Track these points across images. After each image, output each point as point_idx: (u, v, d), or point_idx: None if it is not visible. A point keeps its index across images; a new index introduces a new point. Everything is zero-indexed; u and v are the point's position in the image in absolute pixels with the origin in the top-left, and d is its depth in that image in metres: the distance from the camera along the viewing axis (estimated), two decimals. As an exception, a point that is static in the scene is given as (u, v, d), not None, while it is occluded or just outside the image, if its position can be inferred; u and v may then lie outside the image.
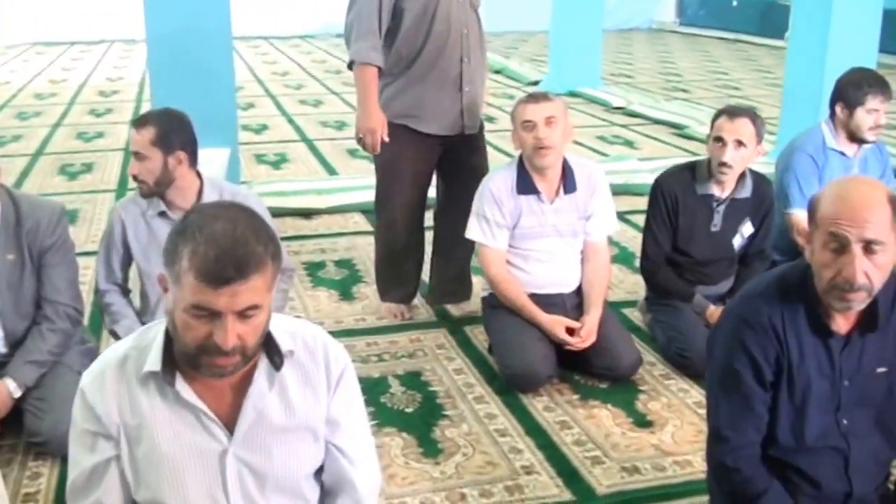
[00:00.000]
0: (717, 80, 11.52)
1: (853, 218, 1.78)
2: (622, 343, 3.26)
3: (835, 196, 1.84)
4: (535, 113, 3.15)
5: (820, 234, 1.83)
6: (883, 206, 1.79)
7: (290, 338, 1.65)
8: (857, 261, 1.78)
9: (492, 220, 3.26)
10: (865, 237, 1.77)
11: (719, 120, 3.31)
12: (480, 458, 2.76)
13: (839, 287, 1.81)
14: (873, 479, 2.03)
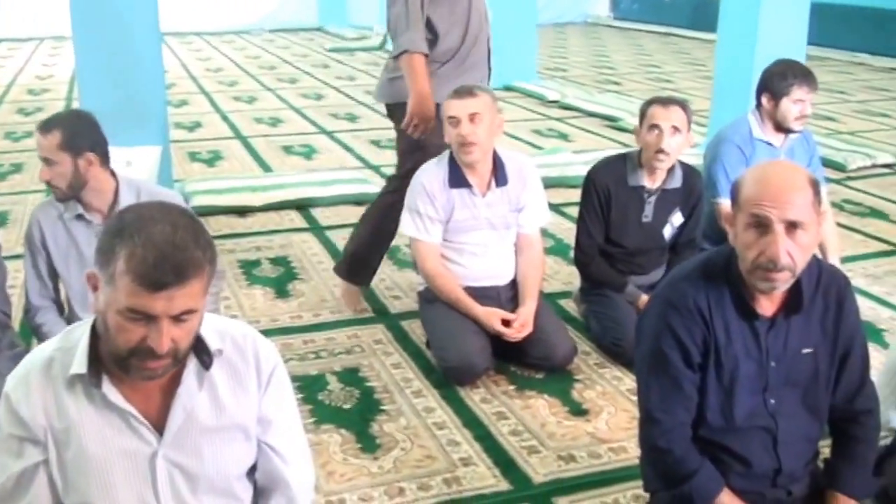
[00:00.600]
0: (649, 73, 11.68)
1: (775, 199, 1.82)
2: (557, 333, 3.30)
3: (757, 178, 1.88)
4: (459, 109, 3.15)
5: (743, 216, 1.87)
6: (804, 188, 1.84)
7: (219, 337, 1.64)
8: (779, 240, 1.82)
9: (424, 215, 3.26)
10: (787, 217, 1.82)
11: (652, 109, 3.34)
12: (419, 452, 2.77)
13: (763, 267, 1.85)
14: (802, 457, 2.09)
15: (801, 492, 2.10)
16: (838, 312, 2.02)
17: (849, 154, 6.59)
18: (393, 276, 4.24)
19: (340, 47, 14.16)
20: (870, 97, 9.89)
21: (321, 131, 7.73)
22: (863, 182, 6.16)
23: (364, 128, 7.89)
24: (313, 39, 15.76)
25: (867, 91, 10.34)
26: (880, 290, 4.19)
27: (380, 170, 6.33)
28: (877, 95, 10.04)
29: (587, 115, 8.38)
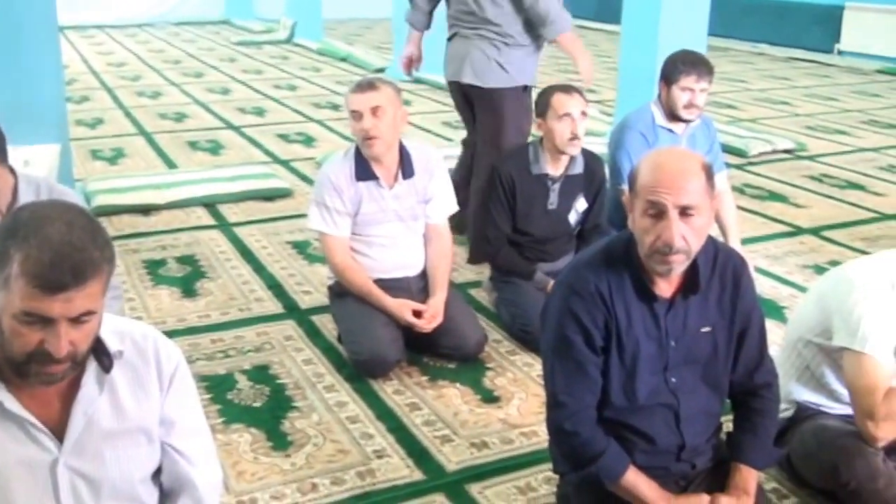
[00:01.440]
0: (557, 65, 11.80)
1: (670, 185, 1.87)
2: (468, 323, 3.32)
3: (651, 166, 1.94)
4: (361, 103, 3.14)
5: (639, 203, 1.93)
6: (697, 174, 1.90)
7: (119, 338, 1.60)
8: (674, 225, 1.87)
9: (332, 208, 3.24)
10: (681, 203, 1.87)
11: (557, 97, 3.39)
12: (331, 447, 2.75)
13: (659, 251, 1.91)
14: (704, 432, 2.15)
15: (705, 465, 2.17)
16: (735, 291, 2.08)
17: (750, 140, 6.78)
18: (302, 271, 4.20)
19: (247, 40, 13.94)
20: (770, 86, 10.20)
21: (228, 126, 7.61)
22: (763, 167, 6.36)
23: (272, 122, 7.79)
24: (219, 33, 15.48)
25: (767, 80, 10.66)
26: (781, 270, 4.33)
27: (289, 164, 6.26)
28: (777, 84, 10.36)
29: (496, 107, 8.41)
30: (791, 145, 6.89)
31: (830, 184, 5.97)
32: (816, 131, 7.65)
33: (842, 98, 9.46)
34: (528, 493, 2.52)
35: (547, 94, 3.43)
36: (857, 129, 7.83)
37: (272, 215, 5.06)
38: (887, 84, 10.55)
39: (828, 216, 5.23)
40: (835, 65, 12.05)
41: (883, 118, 8.36)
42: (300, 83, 10.03)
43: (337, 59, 12.01)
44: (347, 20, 17.38)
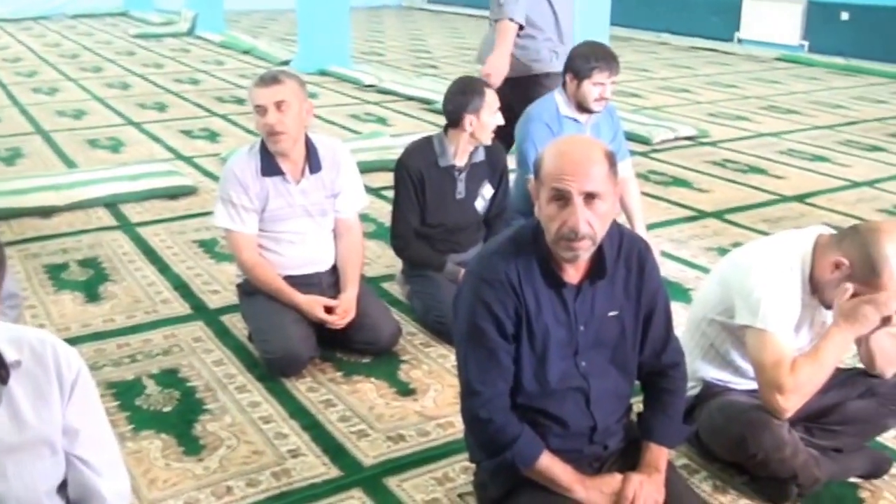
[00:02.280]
0: (464, 56, 11.86)
1: (574, 172, 1.91)
2: (381, 316, 3.30)
3: (555, 154, 1.97)
4: (265, 97, 3.08)
5: (545, 190, 1.95)
6: (600, 161, 1.94)
7: (15, 347, 1.53)
8: (579, 211, 1.91)
9: (238, 205, 3.18)
10: (585, 189, 1.91)
11: (491, 93, 3.46)
12: (245, 449, 2.70)
13: (565, 237, 1.94)
14: (615, 413, 2.19)
15: (617, 445, 2.22)
16: (640, 275, 2.12)
17: (653, 128, 6.92)
18: (210, 270, 4.12)
19: (146, 33, 13.61)
20: (672, 74, 10.44)
21: (128, 122, 7.41)
22: (667, 154, 6.50)
23: (174, 117, 7.63)
24: (117, 25, 15.08)
25: (670, 69, 10.90)
26: (686, 254, 4.43)
27: (192, 161, 6.13)
28: (679, 73, 10.60)
29: (405, 99, 8.43)
30: (693, 132, 7.06)
31: (732, 168, 6.14)
32: (718, 118, 7.86)
33: (742, 85, 9.74)
34: (446, 484, 2.53)
35: (479, 91, 3.45)
36: (757, 114, 8.07)
37: (177, 214, 4.95)
38: (786, 71, 10.91)
39: (730, 200, 5.37)
40: (735, 53, 12.40)
41: (782, 104, 8.64)
42: (203, 77, 9.84)
43: (240, 51, 11.83)
44: (250, 12, 17.15)
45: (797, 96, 9.12)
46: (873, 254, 2.26)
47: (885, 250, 2.25)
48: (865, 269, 2.27)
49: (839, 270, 2.31)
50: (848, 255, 2.30)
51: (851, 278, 2.29)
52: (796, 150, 6.73)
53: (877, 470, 2.58)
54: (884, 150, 6.77)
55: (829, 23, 12.06)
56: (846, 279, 2.30)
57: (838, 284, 2.32)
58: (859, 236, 2.31)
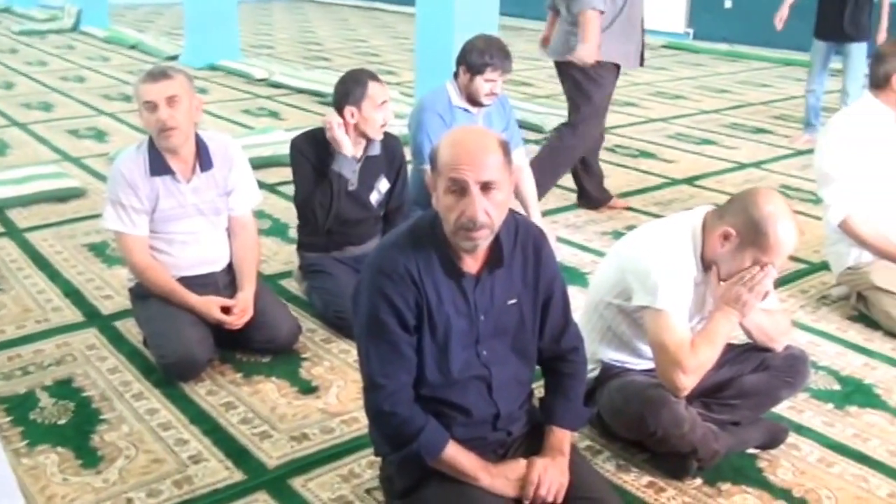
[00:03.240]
0: (356, 48, 11.80)
1: (471, 163, 1.92)
2: (280, 314, 3.25)
3: (451, 144, 1.97)
4: (155, 93, 3.00)
5: (442, 181, 1.96)
6: (495, 150, 1.96)
7: None
8: (476, 201, 1.92)
9: (128, 206, 3.08)
10: (482, 179, 1.92)
11: (373, 87, 3.40)
12: (145, 458, 2.62)
13: (464, 227, 1.95)
14: (517, 399, 2.21)
15: (520, 431, 2.24)
16: (537, 263, 2.15)
17: (545, 116, 7.01)
18: (102, 275, 3.99)
19: (29, 29, 13.10)
20: (562, 61, 10.56)
21: (12, 123, 7.12)
22: (559, 140, 6.57)
23: (60, 117, 7.36)
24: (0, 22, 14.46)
25: (559, 56, 11.03)
26: (581, 238, 4.51)
27: (80, 162, 5.93)
28: (568, 60, 10.73)
29: (297, 92, 8.34)
30: (585, 118, 7.16)
31: (623, 153, 6.27)
32: (608, 104, 8.00)
33: (630, 72, 9.86)
34: (352, 480, 2.51)
35: (362, 83, 3.41)
36: (645, 100, 8.27)
37: (65, 217, 4.78)
38: (672, 58, 11.20)
39: (623, 184, 5.49)
40: (622, 40, 12.63)
41: (669, 90, 8.87)
42: (88, 74, 9.53)
43: (126, 47, 11.50)
44: (135, 6, 16.68)
45: (684, 82, 9.38)
46: (755, 215, 2.35)
47: (765, 210, 2.34)
48: (752, 233, 2.36)
49: (728, 241, 2.40)
50: (733, 224, 2.39)
51: (742, 245, 2.38)
52: (684, 134, 6.92)
53: (774, 440, 2.67)
54: (769, 133, 7.03)
55: (712, 11, 12.45)
56: (738, 248, 2.39)
57: (733, 255, 2.40)
58: (739, 203, 2.41)
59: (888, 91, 3.51)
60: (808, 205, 4.97)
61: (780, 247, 2.36)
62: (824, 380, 3.12)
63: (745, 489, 2.50)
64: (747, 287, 2.40)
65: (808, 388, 2.98)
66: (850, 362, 3.26)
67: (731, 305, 2.42)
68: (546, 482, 2.10)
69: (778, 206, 2.36)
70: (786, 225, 2.36)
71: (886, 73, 3.49)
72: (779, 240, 2.35)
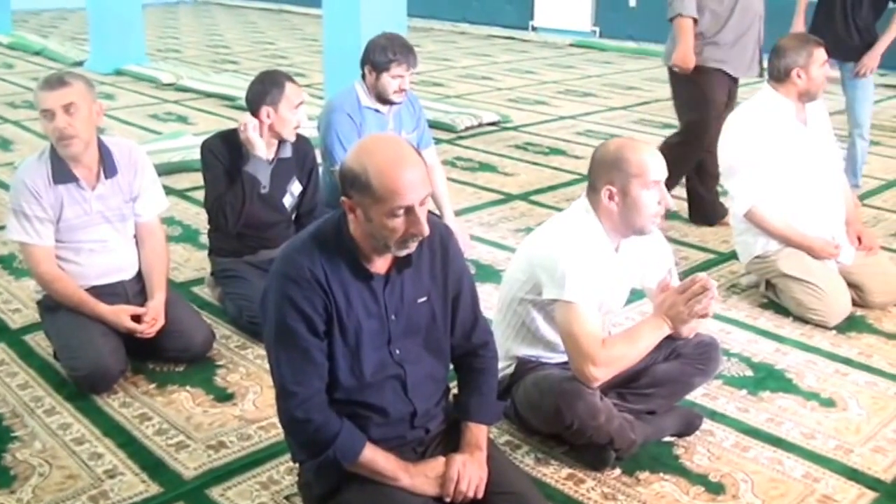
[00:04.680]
0: (264, 51, 11.67)
1: (414, 189, 1.94)
2: (192, 322, 3.20)
3: (386, 172, 1.93)
4: (52, 101, 2.92)
5: (382, 207, 1.94)
6: (421, 163, 1.99)
7: None
8: (421, 218, 1.97)
9: (32, 216, 2.99)
10: (422, 197, 1.96)
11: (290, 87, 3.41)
12: (59, 474, 2.55)
13: (408, 240, 2.00)
14: (432, 396, 2.22)
15: (438, 428, 2.25)
16: (444, 259, 2.18)
17: (457, 115, 7.06)
18: (9, 288, 3.86)
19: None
20: (473, 63, 10.66)
21: None
22: (471, 140, 6.65)
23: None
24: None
25: (470, 57, 11.13)
26: (495, 236, 4.55)
27: None
28: (479, 61, 10.84)
29: (205, 97, 8.20)
30: (496, 118, 7.25)
31: (534, 151, 6.35)
32: (518, 103, 8.10)
33: (539, 71, 10.08)
34: (272, 487, 2.49)
35: (279, 84, 3.40)
36: (555, 98, 8.38)
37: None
38: (580, 56, 11.37)
39: (534, 181, 5.56)
40: (531, 40, 12.81)
41: (578, 87, 9.01)
42: (-9, 82, 9.20)
43: (31, 53, 11.13)
44: (39, 11, 16.18)
45: (592, 80, 9.53)
46: (608, 158, 2.52)
47: (610, 147, 2.55)
48: (617, 170, 2.49)
49: (613, 196, 2.50)
50: (605, 181, 2.51)
51: (622, 187, 2.49)
52: (594, 130, 7.04)
53: (689, 427, 2.74)
54: (675, 127, 7.15)
55: (617, 10, 12.69)
56: (623, 193, 2.49)
57: (627, 203, 2.49)
58: (593, 165, 2.56)
59: (788, 84, 3.64)
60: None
61: (644, 161, 2.48)
62: (737, 367, 3.21)
63: (662, 476, 2.56)
64: (688, 306, 2.50)
65: (722, 374, 3.07)
66: (762, 349, 3.36)
67: (667, 315, 2.52)
68: (465, 477, 2.11)
69: (617, 139, 2.58)
70: (631, 143, 2.55)
71: (787, 66, 3.62)
72: (638, 157, 2.48)
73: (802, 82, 3.62)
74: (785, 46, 3.67)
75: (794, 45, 3.66)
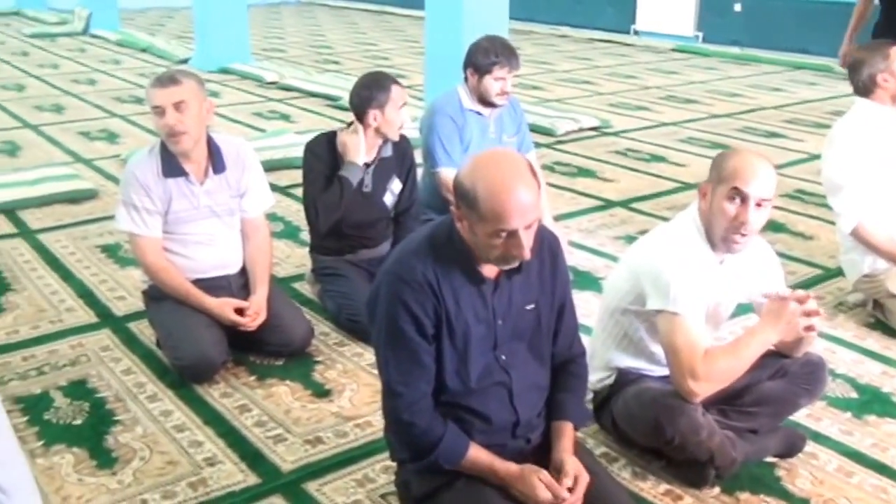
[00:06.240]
0: (366, 52, 11.80)
1: (522, 214, 1.91)
2: (293, 317, 3.25)
3: (497, 193, 1.91)
4: (163, 98, 3.00)
5: (486, 227, 1.93)
6: (534, 185, 1.94)
7: None
8: (525, 241, 1.94)
9: (141, 208, 3.08)
10: (528, 222, 1.94)
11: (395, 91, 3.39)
12: (159, 459, 2.62)
13: (508, 259, 1.99)
14: (536, 406, 2.20)
15: (538, 440, 2.22)
16: (553, 267, 2.16)
17: (557, 120, 7.00)
18: (115, 276, 3.99)
19: (41, 32, 13.14)
20: (573, 66, 10.58)
21: (25, 125, 7.13)
22: (571, 145, 6.58)
23: (72, 119, 7.37)
24: (10, 24, 14.51)
25: (570, 61, 11.04)
26: (594, 243, 4.49)
27: (92, 163, 5.94)
28: (579, 64, 10.74)
29: (308, 96, 8.33)
30: (596, 122, 7.17)
31: (635, 157, 6.25)
32: (619, 108, 7.99)
33: (640, 76, 9.93)
34: (367, 485, 2.50)
35: (385, 87, 3.40)
36: (656, 104, 8.25)
37: (78, 219, 4.79)
38: (682, 62, 11.16)
39: (634, 188, 5.47)
40: (632, 44, 12.64)
41: (680, 94, 8.84)
42: (100, 77, 9.54)
43: (137, 50, 11.51)
44: (145, 9, 16.73)
45: (695, 86, 9.35)
46: (715, 161, 2.48)
47: (724, 153, 2.51)
48: (714, 172, 2.44)
49: (706, 195, 2.45)
50: (707, 178, 2.47)
51: (713, 188, 2.42)
52: (696, 137, 6.90)
53: (792, 448, 2.65)
54: (782, 137, 6.99)
55: (722, 14, 12.41)
56: (713, 195, 2.42)
57: (713, 205, 2.42)
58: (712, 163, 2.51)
59: (877, 92, 3.56)
60: (823, 209, 4.94)
61: (737, 168, 2.39)
62: (842, 388, 3.10)
63: (763, 498, 2.48)
64: (797, 319, 2.40)
65: (826, 395, 2.96)
66: (868, 370, 3.24)
67: (774, 327, 2.41)
68: (582, 481, 2.08)
69: (734, 149, 2.49)
70: (745, 153, 2.47)
71: (870, 76, 3.54)
72: (735, 163, 2.41)
73: (891, 84, 3.53)
74: (859, 59, 3.60)
75: (866, 54, 3.59)
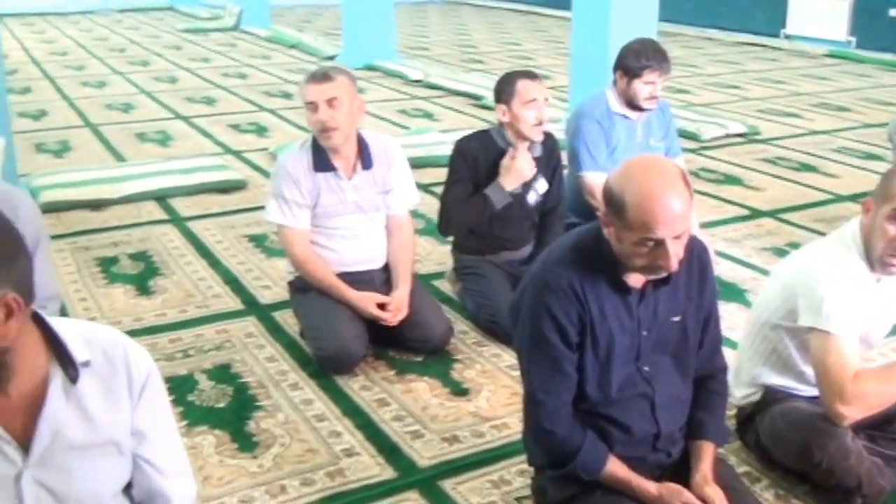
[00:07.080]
0: (511, 51, 11.80)
1: (670, 224, 1.86)
2: (433, 314, 3.27)
3: (645, 199, 1.86)
4: (317, 94, 3.06)
5: (632, 234, 1.89)
6: (686, 195, 1.88)
7: (87, 346, 1.50)
8: (671, 251, 1.89)
9: (290, 200, 3.16)
10: (677, 233, 1.89)
11: (522, 83, 3.36)
12: (299, 447, 2.69)
13: (655, 269, 1.93)
14: (677, 420, 2.15)
15: (678, 454, 2.17)
16: (701, 279, 2.11)
17: (703, 125, 6.82)
18: (261, 266, 4.12)
19: (193, 27, 13.75)
20: (720, 70, 10.28)
21: (176, 116, 7.46)
22: (717, 151, 6.39)
23: (222, 112, 7.66)
24: (164, 20, 15.24)
25: (717, 64, 10.74)
26: (740, 253, 4.34)
27: (241, 155, 6.15)
28: (727, 69, 10.43)
29: (452, 94, 8.39)
30: (744, 129, 6.94)
31: (784, 166, 6.02)
32: (768, 114, 7.72)
33: (791, 81, 9.56)
34: (502, 487, 2.49)
35: (511, 81, 3.39)
36: (808, 111, 7.92)
37: (226, 208, 4.97)
38: (835, 67, 10.69)
39: (783, 198, 5.27)
40: (782, 49, 12.19)
41: (833, 101, 8.46)
42: (250, 71, 9.89)
43: (287, 46, 11.87)
44: (295, 7, 17.23)
45: (848, 93, 8.93)
46: (885, 175, 2.31)
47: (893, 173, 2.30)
48: (880, 188, 2.29)
49: (868, 211, 2.32)
50: (873, 193, 2.32)
51: (876, 205, 2.28)
52: (849, 147, 6.59)
53: (943, 480, 2.49)
54: (940, 149, 6.60)
55: (877, 18, 11.81)
56: (875, 212, 2.28)
57: (876, 223, 2.28)
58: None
59: None
60: None
61: None
62: None
63: (912, 531, 2.35)
64: None
65: None
66: None
67: None
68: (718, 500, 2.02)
69: None
70: None
71: None
72: None
73: None
74: None
75: None
